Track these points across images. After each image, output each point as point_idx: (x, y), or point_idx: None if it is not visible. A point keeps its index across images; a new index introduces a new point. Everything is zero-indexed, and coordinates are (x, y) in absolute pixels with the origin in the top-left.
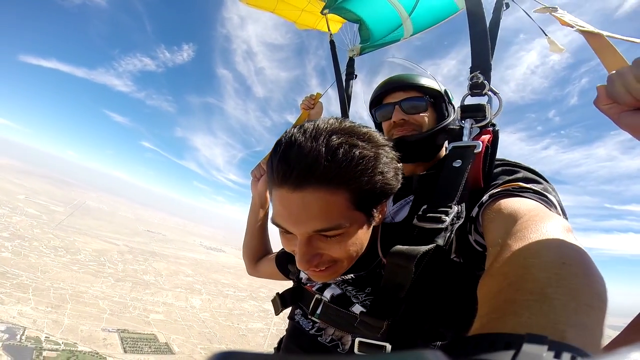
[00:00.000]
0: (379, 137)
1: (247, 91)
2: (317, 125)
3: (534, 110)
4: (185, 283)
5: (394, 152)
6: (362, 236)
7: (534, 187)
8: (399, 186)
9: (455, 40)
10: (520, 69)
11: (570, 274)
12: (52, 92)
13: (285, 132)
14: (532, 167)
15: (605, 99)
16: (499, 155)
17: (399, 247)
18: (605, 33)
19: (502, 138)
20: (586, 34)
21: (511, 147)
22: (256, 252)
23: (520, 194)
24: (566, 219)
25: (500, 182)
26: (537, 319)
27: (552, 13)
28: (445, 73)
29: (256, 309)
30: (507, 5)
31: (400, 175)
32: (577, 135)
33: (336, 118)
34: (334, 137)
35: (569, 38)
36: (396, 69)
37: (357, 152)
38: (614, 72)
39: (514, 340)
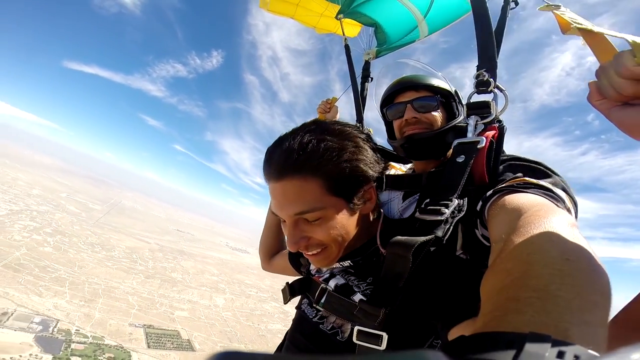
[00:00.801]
0: (352, 132)
1: (273, 96)
2: (299, 126)
3: (570, 114)
4: (211, 282)
5: (368, 143)
6: (344, 221)
7: (540, 182)
8: (377, 175)
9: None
10: (554, 71)
11: (574, 269)
12: (93, 97)
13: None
14: (541, 161)
15: (596, 94)
16: (513, 153)
17: (398, 237)
18: (603, 31)
19: (537, 143)
20: (583, 31)
21: (546, 152)
22: (272, 247)
23: (526, 189)
24: (576, 212)
25: (507, 178)
26: (540, 317)
27: (554, 11)
28: (471, 75)
29: (277, 311)
30: (517, 3)
31: (379, 165)
32: (620, 140)
33: (316, 120)
34: (307, 135)
35: None
36: (407, 70)
37: (322, 145)
38: (599, 67)
39: (517, 339)
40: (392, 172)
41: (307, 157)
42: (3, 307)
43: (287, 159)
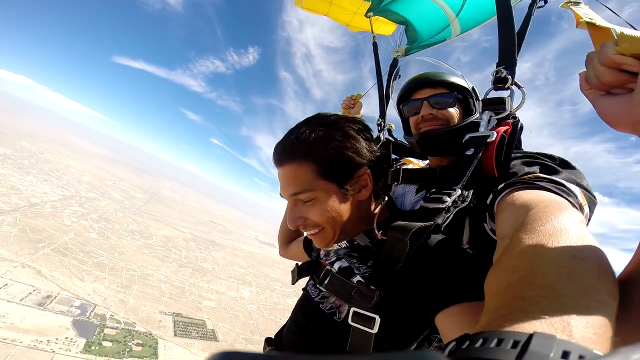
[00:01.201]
0: (343, 123)
1: (305, 93)
2: (302, 121)
3: None
4: (238, 274)
5: (362, 134)
6: (336, 205)
7: (552, 177)
8: (366, 162)
9: (529, 43)
10: None
11: (581, 268)
12: (139, 90)
13: None
14: (556, 155)
15: (584, 83)
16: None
17: (398, 222)
18: (604, 24)
19: (586, 148)
20: (589, 24)
21: (596, 158)
22: (289, 234)
23: (537, 184)
24: (592, 208)
25: (520, 172)
26: (545, 317)
27: (572, 7)
28: (519, 77)
29: None
30: (546, 1)
31: (371, 153)
32: None
33: (318, 113)
34: (304, 127)
35: None
36: (424, 67)
37: (313, 134)
38: (586, 56)
39: (522, 339)
40: (409, 166)
41: (299, 145)
42: (48, 290)
43: (284, 147)
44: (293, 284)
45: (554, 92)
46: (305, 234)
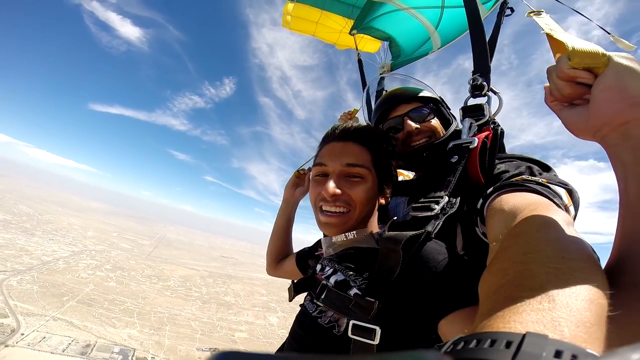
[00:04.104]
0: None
1: (289, 115)
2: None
3: None
4: (262, 302)
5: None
6: (372, 193)
7: (537, 179)
8: (394, 179)
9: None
10: None
11: (570, 268)
12: (122, 137)
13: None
14: (538, 158)
15: (548, 96)
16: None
17: (389, 232)
18: (568, 40)
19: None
20: (550, 38)
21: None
22: (280, 251)
23: (523, 186)
24: (576, 207)
25: (506, 176)
26: (537, 317)
27: (534, 17)
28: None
29: None
30: (512, 10)
31: (395, 173)
32: None
33: None
34: (364, 126)
35: None
36: (393, 83)
37: (374, 130)
38: (547, 70)
39: (515, 339)
40: (399, 178)
41: (368, 135)
42: (86, 340)
43: (352, 130)
44: (290, 301)
45: (521, 74)
46: (323, 215)
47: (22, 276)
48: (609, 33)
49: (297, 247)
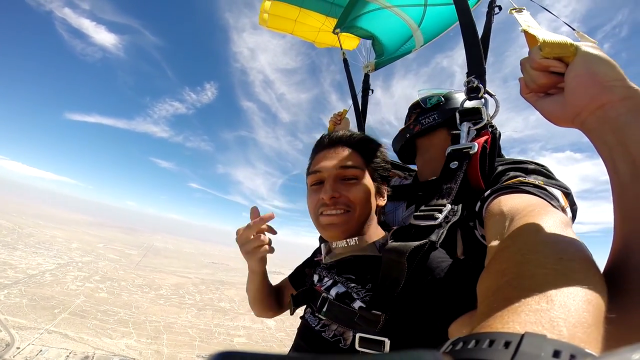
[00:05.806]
0: (383, 146)
1: (273, 119)
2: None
3: None
4: None
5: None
6: (369, 194)
7: (535, 182)
8: (386, 179)
9: (456, 34)
10: None
11: (567, 269)
12: (102, 146)
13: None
14: (536, 161)
15: (524, 88)
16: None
17: (392, 243)
18: (539, 33)
19: None
20: (526, 33)
21: None
22: (271, 301)
23: (521, 188)
24: (573, 209)
25: (504, 179)
26: (535, 317)
27: (514, 14)
28: (464, 68)
29: None
30: (500, 8)
31: (388, 174)
32: None
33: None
34: (355, 133)
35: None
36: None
37: (366, 138)
38: (520, 63)
39: (513, 339)
40: (397, 182)
41: (357, 139)
42: (83, 351)
43: (341, 136)
44: (292, 314)
45: (495, 71)
46: (324, 216)
47: (8, 290)
48: (574, 29)
49: (287, 248)
